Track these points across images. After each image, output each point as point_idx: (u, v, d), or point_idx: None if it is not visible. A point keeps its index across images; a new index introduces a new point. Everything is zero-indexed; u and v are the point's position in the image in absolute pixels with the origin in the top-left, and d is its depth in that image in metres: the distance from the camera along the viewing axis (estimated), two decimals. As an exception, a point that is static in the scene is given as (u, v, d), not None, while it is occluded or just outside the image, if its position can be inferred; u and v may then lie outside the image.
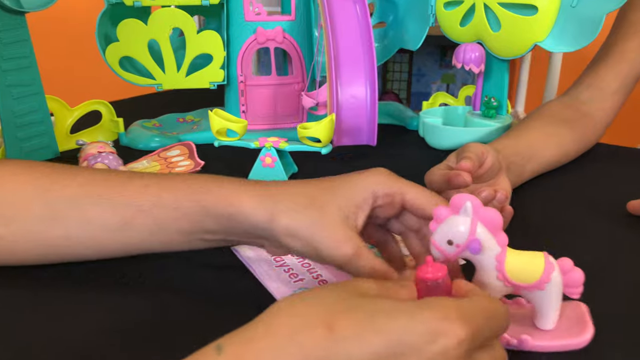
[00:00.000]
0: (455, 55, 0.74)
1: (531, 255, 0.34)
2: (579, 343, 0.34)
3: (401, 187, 0.36)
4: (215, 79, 0.77)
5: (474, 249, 0.33)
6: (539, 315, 0.35)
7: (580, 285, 0.34)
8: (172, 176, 0.39)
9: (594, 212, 0.55)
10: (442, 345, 0.25)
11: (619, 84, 0.74)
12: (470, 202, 0.33)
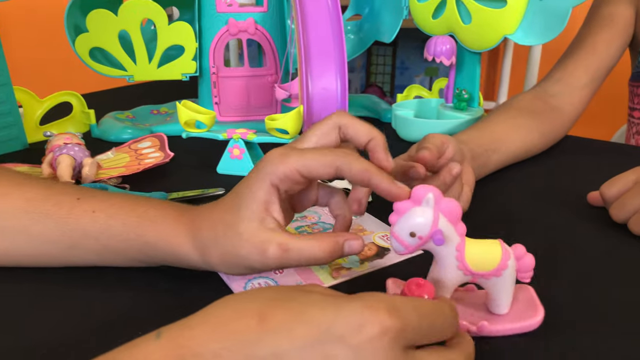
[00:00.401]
0: (427, 48, 0.74)
1: (488, 244, 0.35)
2: (532, 324, 0.35)
3: (292, 164, 0.35)
4: (188, 70, 0.77)
5: (438, 240, 0.33)
6: (494, 300, 0.36)
7: (531, 270, 0.35)
8: (120, 203, 0.39)
9: (556, 204, 0.55)
10: (367, 333, 0.25)
11: (589, 78, 0.75)
12: (432, 194, 0.33)
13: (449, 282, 0.35)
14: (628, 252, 0.46)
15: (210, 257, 0.36)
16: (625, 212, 0.48)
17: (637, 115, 0.85)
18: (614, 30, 0.77)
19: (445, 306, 0.29)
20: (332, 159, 0.34)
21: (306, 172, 0.34)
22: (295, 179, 0.35)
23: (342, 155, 0.35)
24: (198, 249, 0.36)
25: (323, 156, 0.35)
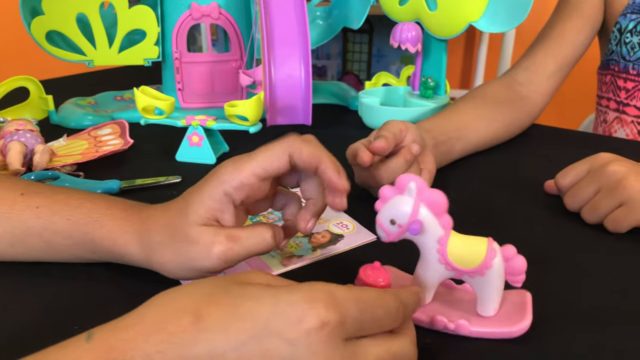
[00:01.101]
0: (392, 35, 0.74)
1: (474, 240, 0.33)
2: (514, 331, 0.34)
3: (244, 170, 0.34)
4: (150, 55, 0.75)
5: (413, 229, 0.32)
6: (479, 301, 0.35)
7: (522, 273, 0.33)
8: (66, 199, 0.38)
9: (515, 192, 0.55)
10: (305, 327, 0.24)
11: (557, 67, 0.75)
12: (415, 183, 0.32)
13: (432, 276, 0.34)
14: (581, 240, 0.46)
15: (158, 260, 0.36)
16: (578, 201, 0.48)
17: (604, 104, 0.85)
18: (583, 18, 0.78)
19: (389, 297, 0.28)
20: (282, 148, 0.35)
21: (262, 171, 0.34)
22: (253, 184, 0.34)
23: (292, 141, 0.35)
24: (144, 251, 0.36)
25: (273, 150, 0.35)
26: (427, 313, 0.35)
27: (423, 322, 0.35)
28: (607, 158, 0.47)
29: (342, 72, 1.80)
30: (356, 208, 0.49)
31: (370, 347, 0.27)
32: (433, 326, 0.34)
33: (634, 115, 0.79)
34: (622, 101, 0.81)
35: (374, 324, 0.27)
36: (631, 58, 0.78)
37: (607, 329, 0.35)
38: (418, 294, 0.31)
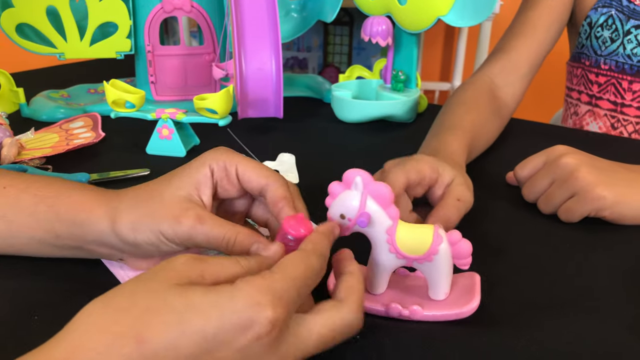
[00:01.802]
0: (363, 29, 0.75)
1: (421, 228, 0.35)
2: (464, 312, 0.35)
3: (235, 159, 0.36)
4: (122, 48, 0.75)
5: (361, 222, 0.34)
6: (430, 286, 0.36)
7: (468, 256, 0.35)
8: (35, 178, 0.38)
9: (478, 183, 0.56)
10: (254, 332, 0.25)
11: (529, 66, 0.75)
12: (360, 177, 0.34)
13: (383, 265, 0.35)
14: (535, 230, 0.47)
15: (121, 221, 0.34)
16: (535, 193, 0.49)
17: (575, 96, 0.86)
18: (552, 14, 0.78)
19: (313, 259, 0.29)
20: (267, 173, 0.36)
21: (242, 172, 0.35)
22: (231, 176, 0.35)
23: (275, 176, 0.36)
24: (109, 215, 0.35)
25: (261, 167, 0.36)
26: (382, 302, 0.36)
27: (379, 311, 0.36)
28: (562, 150, 0.48)
29: (323, 65, 1.80)
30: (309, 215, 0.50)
31: (312, 324, 0.28)
32: (388, 314, 0.35)
33: (607, 109, 0.81)
34: (595, 95, 0.82)
35: (306, 294, 0.29)
36: (602, 53, 0.79)
37: (556, 312, 0.36)
38: (331, 230, 0.32)
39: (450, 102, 0.66)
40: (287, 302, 0.26)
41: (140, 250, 0.35)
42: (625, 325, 0.35)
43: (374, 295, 0.37)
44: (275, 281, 0.26)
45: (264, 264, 0.30)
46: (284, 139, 0.70)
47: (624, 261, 0.43)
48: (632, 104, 0.77)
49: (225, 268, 0.28)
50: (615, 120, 0.79)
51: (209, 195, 0.35)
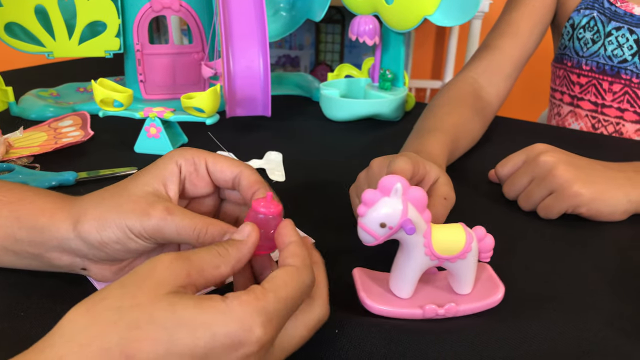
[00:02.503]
0: (350, 28, 0.75)
1: (452, 228, 0.35)
2: (495, 301, 0.36)
3: (203, 155, 0.36)
4: (111, 47, 0.75)
5: (410, 229, 0.33)
6: (459, 281, 0.37)
7: (491, 250, 0.36)
8: (2, 184, 0.37)
9: (461, 180, 0.57)
10: (243, 352, 0.25)
11: (512, 68, 0.75)
12: (400, 184, 0.33)
13: (417, 268, 0.36)
14: (516, 226, 0.48)
15: (85, 220, 0.33)
16: (515, 190, 0.50)
17: (558, 97, 0.88)
18: (536, 13, 0.78)
19: (305, 275, 0.29)
20: (237, 163, 0.36)
21: (212, 165, 0.35)
22: (200, 171, 0.35)
23: (246, 164, 0.36)
24: (72, 216, 0.33)
25: (230, 159, 0.36)
26: (417, 305, 0.36)
27: (417, 315, 0.36)
28: (541, 149, 0.49)
29: (315, 63, 1.80)
30: (282, 205, 0.50)
31: (292, 330, 0.28)
32: (425, 316, 0.36)
33: (587, 110, 0.82)
34: (577, 95, 0.83)
35: (300, 305, 0.29)
36: (584, 54, 0.80)
37: (534, 308, 0.37)
38: (302, 240, 0.32)
39: (433, 103, 0.67)
40: (278, 322, 0.26)
41: (105, 252, 0.33)
42: (604, 321, 0.36)
43: (402, 300, 0.37)
44: (268, 303, 0.26)
45: (240, 250, 0.30)
46: (272, 138, 0.70)
47: (600, 257, 0.44)
48: (612, 104, 0.78)
49: (208, 261, 0.28)
50: (596, 120, 0.80)
51: (176, 191, 0.35)
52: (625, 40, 0.74)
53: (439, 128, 0.58)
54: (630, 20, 0.74)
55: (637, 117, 0.76)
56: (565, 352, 0.33)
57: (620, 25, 0.74)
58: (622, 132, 0.78)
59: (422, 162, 0.43)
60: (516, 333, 0.35)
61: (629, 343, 0.34)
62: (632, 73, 0.75)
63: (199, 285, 0.27)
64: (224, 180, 0.36)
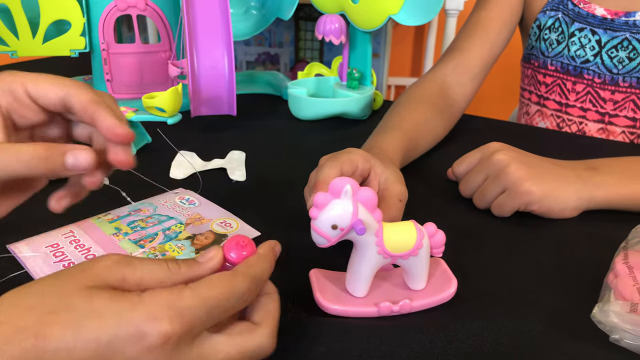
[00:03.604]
0: (316, 27, 0.75)
1: (403, 226, 0.36)
2: (448, 295, 0.37)
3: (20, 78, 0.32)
4: (76, 46, 0.75)
5: (360, 230, 0.33)
6: (412, 278, 0.37)
7: (442, 245, 0.37)
8: None
9: (421, 178, 0.58)
10: (146, 344, 0.25)
11: (480, 68, 0.76)
12: (350, 185, 0.33)
13: (371, 267, 0.36)
14: (471, 224, 0.49)
15: None
16: (470, 188, 0.51)
17: (526, 96, 0.88)
18: (503, 14, 0.78)
19: (240, 281, 0.28)
20: (65, 82, 0.32)
21: (33, 89, 0.32)
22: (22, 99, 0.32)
23: (77, 83, 0.32)
24: None
25: (56, 78, 0.32)
26: (372, 304, 0.36)
27: (372, 313, 0.36)
28: (496, 147, 0.50)
29: (295, 60, 1.80)
30: (240, 205, 0.50)
31: (221, 345, 0.27)
32: (380, 313, 0.36)
33: (553, 109, 0.82)
34: (543, 95, 0.84)
35: (225, 314, 0.28)
36: (550, 54, 0.80)
37: (479, 304, 0.38)
38: (270, 251, 0.31)
39: (397, 102, 0.68)
40: (190, 319, 0.26)
41: None
42: (546, 317, 0.37)
43: (358, 299, 0.37)
44: (182, 298, 0.26)
45: (193, 270, 0.29)
46: (238, 137, 0.70)
47: (550, 254, 0.44)
48: (575, 104, 0.79)
49: (153, 272, 0.28)
50: (560, 120, 0.81)
51: (1, 127, 0.31)
52: (587, 40, 0.75)
53: (397, 126, 0.58)
54: (592, 21, 0.75)
55: (599, 117, 0.78)
56: (507, 348, 0.34)
57: (583, 26, 0.75)
58: (585, 132, 0.79)
59: (366, 156, 0.44)
60: (464, 329, 0.35)
61: (568, 339, 0.35)
62: (594, 73, 0.76)
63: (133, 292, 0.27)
64: (51, 104, 0.32)
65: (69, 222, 0.46)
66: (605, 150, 0.70)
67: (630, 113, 0.76)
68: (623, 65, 0.73)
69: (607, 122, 0.77)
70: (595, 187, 0.48)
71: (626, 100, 0.75)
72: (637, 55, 0.72)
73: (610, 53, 0.74)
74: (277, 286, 0.32)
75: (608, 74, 0.75)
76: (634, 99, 0.75)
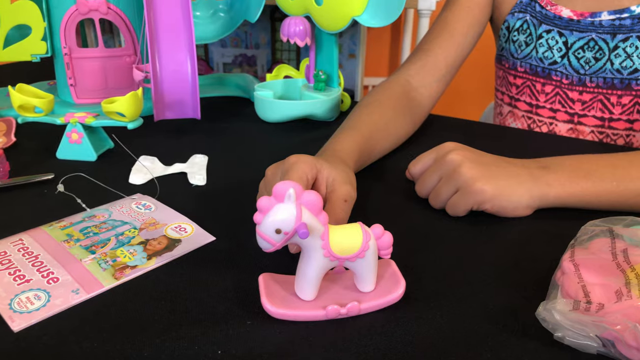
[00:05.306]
0: (281, 29, 0.75)
1: (349, 228, 0.36)
2: (397, 297, 0.37)
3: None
4: (37, 51, 0.74)
5: (303, 233, 0.33)
6: (361, 280, 0.38)
7: (390, 247, 0.37)
8: None
9: (378, 178, 0.58)
10: None
11: (446, 69, 0.76)
12: (293, 189, 0.33)
13: (318, 270, 0.36)
14: (429, 224, 0.49)
15: None
16: (425, 188, 0.51)
17: (499, 97, 0.89)
18: (470, 15, 0.79)
19: None
20: None
21: None
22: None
23: None
24: None
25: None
26: (320, 307, 0.36)
27: (318, 316, 0.36)
28: (450, 147, 0.50)
29: (272, 61, 1.80)
30: (197, 209, 0.50)
31: None
32: (327, 317, 0.36)
33: (524, 110, 0.83)
34: (514, 96, 0.84)
35: None
36: (519, 56, 0.81)
37: (432, 303, 0.38)
38: None
39: (360, 103, 0.68)
40: None
41: None
42: (493, 316, 0.37)
43: (306, 302, 0.37)
44: None
45: None
46: (202, 140, 0.70)
47: (502, 253, 0.45)
48: (545, 105, 0.80)
49: None
50: (531, 121, 0.82)
51: None
52: (555, 42, 0.76)
53: (355, 126, 0.58)
54: (559, 23, 0.75)
55: (568, 117, 0.78)
56: (452, 347, 0.34)
57: (550, 28, 0.76)
58: (555, 132, 0.80)
59: (311, 162, 0.44)
60: (410, 330, 0.36)
61: (515, 337, 0.35)
62: (562, 74, 0.77)
63: None
64: None
65: (21, 230, 0.46)
66: (572, 149, 0.71)
67: (599, 113, 0.76)
68: (590, 65, 0.74)
69: (577, 122, 0.78)
70: (547, 186, 0.48)
71: (594, 100, 0.76)
72: (602, 55, 0.73)
73: (577, 54, 0.75)
74: (226, 292, 0.32)
75: (575, 75, 0.76)
76: (601, 99, 0.75)
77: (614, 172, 0.49)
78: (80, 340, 0.34)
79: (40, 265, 0.40)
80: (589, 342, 0.33)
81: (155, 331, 0.35)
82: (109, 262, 0.41)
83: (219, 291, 0.39)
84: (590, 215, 0.47)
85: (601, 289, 0.35)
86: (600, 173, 0.49)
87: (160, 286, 0.39)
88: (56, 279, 0.39)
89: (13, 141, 0.65)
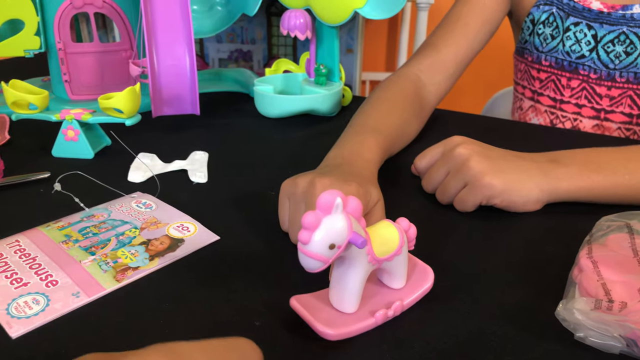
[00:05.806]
0: (281, 22, 0.74)
1: (383, 228, 0.35)
2: (429, 286, 0.37)
3: None
4: (31, 46, 0.72)
5: (362, 243, 0.31)
6: (395, 277, 0.36)
7: (414, 238, 0.36)
8: None
9: (385, 174, 0.57)
10: None
11: (457, 66, 0.74)
12: (340, 198, 0.30)
13: (363, 278, 0.34)
14: (436, 220, 0.48)
15: None
16: (432, 183, 0.50)
17: (520, 91, 0.86)
18: (485, 11, 0.76)
19: None
20: None
21: None
22: None
23: None
24: None
25: None
26: (367, 315, 0.34)
27: (371, 325, 0.34)
28: (457, 141, 0.49)
29: (268, 57, 1.78)
30: (199, 208, 0.49)
31: None
32: (377, 323, 0.34)
33: (547, 105, 0.81)
34: (537, 90, 0.82)
35: None
36: (544, 49, 0.79)
37: (444, 299, 0.37)
38: None
39: (374, 96, 0.65)
40: None
41: None
42: (508, 313, 0.36)
43: (351, 315, 0.34)
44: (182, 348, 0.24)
45: None
46: (202, 137, 0.68)
47: (514, 249, 0.44)
48: (570, 100, 0.77)
49: None
50: (554, 116, 0.80)
51: None
52: (583, 35, 0.74)
53: (379, 129, 0.56)
54: (588, 16, 0.73)
55: (595, 113, 0.76)
56: (469, 347, 0.33)
57: (578, 21, 0.74)
58: (579, 128, 0.78)
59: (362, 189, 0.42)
60: (426, 327, 0.34)
61: (533, 338, 0.34)
62: (590, 69, 0.74)
63: None
64: None
65: (17, 231, 0.44)
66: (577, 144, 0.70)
67: (627, 109, 0.74)
68: (620, 60, 0.72)
69: (603, 118, 0.76)
70: (557, 180, 0.47)
71: (623, 96, 0.74)
72: (634, 49, 0.70)
73: (606, 48, 0.72)
74: (232, 293, 0.31)
75: (604, 69, 0.73)
76: (630, 95, 0.73)
77: (627, 165, 0.48)
78: (82, 346, 0.33)
79: (38, 267, 0.39)
80: (613, 342, 0.32)
81: (160, 336, 0.33)
82: (110, 263, 0.40)
83: (225, 293, 0.38)
84: (602, 210, 0.46)
85: (622, 287, 0.34)
86: (612, 166, 0.48)
87: (163, 288, 0.38)
88: (55, 281, 0.37)
89: (7, 139, 0.63)
